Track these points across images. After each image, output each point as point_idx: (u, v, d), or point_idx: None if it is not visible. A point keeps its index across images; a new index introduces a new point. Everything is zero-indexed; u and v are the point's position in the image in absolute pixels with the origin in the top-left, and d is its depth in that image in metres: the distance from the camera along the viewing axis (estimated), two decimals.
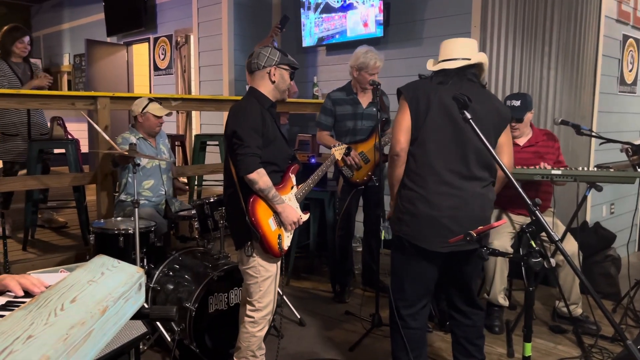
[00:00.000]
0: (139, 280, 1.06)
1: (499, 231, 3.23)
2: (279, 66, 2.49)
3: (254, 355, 2.52)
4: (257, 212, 2.39)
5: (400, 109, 2.32)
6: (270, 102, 2.51)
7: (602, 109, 4.95)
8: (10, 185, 3.72)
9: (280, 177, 2.54)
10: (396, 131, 2.30)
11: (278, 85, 2.51)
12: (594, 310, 3.27)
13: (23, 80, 4.21)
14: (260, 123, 2.39)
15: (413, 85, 2.34)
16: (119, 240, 2.99)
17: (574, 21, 4.41)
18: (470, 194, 2.21)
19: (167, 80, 7.62)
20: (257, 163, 2.34)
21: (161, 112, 3.47)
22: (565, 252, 1.59)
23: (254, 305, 2.48)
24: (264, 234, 2.39)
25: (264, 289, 2.46)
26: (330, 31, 5.32)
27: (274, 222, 2.45)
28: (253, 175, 2.33)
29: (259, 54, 2.50)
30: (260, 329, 2.49)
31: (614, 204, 5.31)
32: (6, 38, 4.18)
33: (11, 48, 4.18)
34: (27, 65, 4.28)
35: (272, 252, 2.42)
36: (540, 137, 3.38)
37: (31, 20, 11.48)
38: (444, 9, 4.59)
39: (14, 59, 4.23)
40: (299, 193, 2.63)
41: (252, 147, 2.34)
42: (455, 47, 2.31)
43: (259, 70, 2.49)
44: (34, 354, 0.70)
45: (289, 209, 2.45)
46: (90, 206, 4.26)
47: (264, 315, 2.48)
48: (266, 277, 2.46)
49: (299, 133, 5.50)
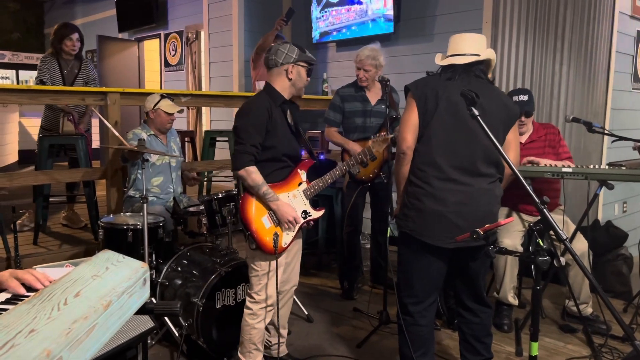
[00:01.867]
0: (143, 275, 1.07)
1: (510, 230, 3.21)
2: (297, 63, 2.48)
3: (257, 348, 2.54)
4: (247, 209, 2.40)
5: (407, 107, 2.31)
6: (282, 98, 2.50)
7: (615, 106, 4.89)
8: (21, 180, 3.76)
9: (288, 172, 2.53)
10: (403, 129, 2.29)
11: (295, 83, 2.51)
12: (604, 310, 3.23)
13: (67, 79, 4.27)
14: (265, 120, 2.39)
15: (421, 83, 2.32)
16: (128, 236, 3.01)
17: (587, 17, 4.36)
18: (476, 189, 2.20)
19: (177, 76, 7.65)
20: (247, 160, 2.36)
21: (172, 109, 3.48)
22: (573, 252, 1.57)
23: (253, 298, 2.51)
24: (256, 231, 2.39)
25: (263, 283, 2.48)
26: (337, 25, 5.30)
27: (269, 219, 2.44)
28: (241, 172, 2.36)
29: (277, 50, 2.47)
30: (259, 321, 2.51)
31: (626, 202, 5.25)
32: (55, 36, 4.25)
33: (60, 46, 4.23)
34: (76, 62, 4.33)
35: (266, 249, 2.41)
36: (541, 131, 3.35)
37: (44, 17, 11.57)
38: (455, 5, 4.56)
39: (65, 56, 4.29)
40: (309, 189, 2.59)
41: (247, 145, 2.36)
42: (464, 42, 2.29)
43: (277, 67, 2.48)
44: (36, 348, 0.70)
45: (284, 207, 2.42)
46: (100, 202, 4.30)
47: (262, 307, 2.50)
48: (266, 272, 2.47)
49: (309, 129, 5.49)
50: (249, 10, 5.88)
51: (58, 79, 4.25)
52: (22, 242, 3.83)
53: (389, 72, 3.64)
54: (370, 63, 3.57)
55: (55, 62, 4.26)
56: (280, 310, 2.70)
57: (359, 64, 3.61)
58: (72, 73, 4.31)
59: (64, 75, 4.27)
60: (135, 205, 3.46)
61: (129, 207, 3.50)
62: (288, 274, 2.66)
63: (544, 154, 3.23)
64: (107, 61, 8.10)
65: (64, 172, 4.03)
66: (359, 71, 3.63)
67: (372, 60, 3.57)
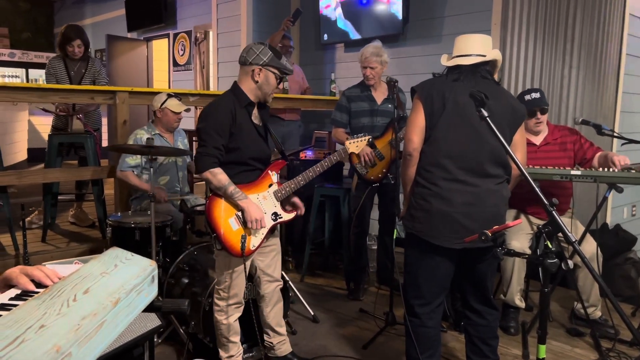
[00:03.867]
0: (151, 273, 1.07)
1: (517, 232, 3.19)
2: (267, 67, 2.42)
3: (229, 340, 2.57)
4: (213, 210, 2.38)
5: (414, 108, 2.30)
6: (248, 100, 2.46)
7: (625, 109, 4.85)
8: (30, 178, 3.78)
9: (257, 175, 2.51)
10: (409, 130, 2.29)
11: (261, 87, 2.45)
12: (613, 314, 3.21)
13: (74, 79, 4.31)
14: (228, 123, 2.37)
15: (428, 84, 2.32)
16: (136, 234, 3.02)
17: (597, 19, 4.33)
18: (483, 190, 2.20)
19: (185, 76, 7.67)
20: (211, 162, 2.34)
21: (179, 108, 3.49)
22: (582, 255, 1.56)
23: (220, 294, 2.53)
24: (223, 234, 2.37)
25: (229, 282, 2.50)
26: (348, 27, 5.30)
27: (236, 221, 2.42)
28: (206, 174, 2.35)
29: (249, 49, 2.44)
30: (226, 317, 2.53)
31: (635, 205, 5.20)
32: (60, 39, 4.30)
33: (65, 50, 4.27)
34: (82, 63, 4.37)
35: (233, 252, 2.39)
36: (557, 133, 3.30)
37: (54, 16, 11.65)
38: (464, 6, 4.54)
39: (71, 56, 4.32)
40: (280, 191, 2.56)
41: (209, 147, 2.34)
42: (470, 43, 2.28)
43: (245, 66, 2.45)
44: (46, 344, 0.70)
45: (252, 207, 2.39)
46: (108, 200, 4.32)
47: (229, 304, 2.52)
48: (232, 271, 2.48)
49: (316, 130, 5.49)
50: (258, 10, 5.89)
51: (65, 79, 4.28)
52: (31, 239, 3.86)
53: (397, 72, 3.64)
54: (375, 60, 3.59)
55: (62, 63, 4.29)
56: (272, 312, 2.71)
57: (364, 63, 3.63)
58: (79, 73, 4.33)
59: (70, 77, 4.29)
60: (143, 203, 3.47)
61: (137, 206, 3.51)
62: (269, 276, 2.65)
63: (557, 157, 3.19)
64: (115, 60, 8.14)
65: (73, 170, 4.06)
66: (365, 70, 3.64)
67: (376, 57, 3.59)
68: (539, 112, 3.19)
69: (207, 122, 2.38)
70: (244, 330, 2.70)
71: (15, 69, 9.11)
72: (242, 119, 2.42)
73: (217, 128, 2.36)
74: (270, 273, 2.65)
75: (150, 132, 3.47)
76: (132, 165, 3.43)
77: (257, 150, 2.49)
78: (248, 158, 2.46)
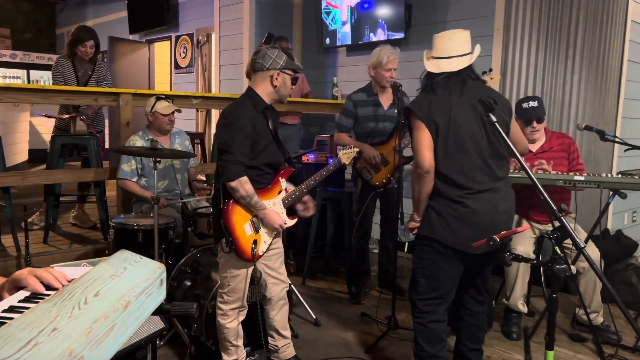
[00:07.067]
0: (160, 276, 1.07)
1: (522, 237, 3.19)
2: (284, 70, 2.44)
3: (232, 344, 2.58)
4: (231, 217, 2.39)
5: (416, 127, 2.27)
6: (264, 104, 2.48)
7: (627, 115, 4.85)
8: (34, 179, 3.78)
9: (266, 179, 2.52)
10: (420, 148, 2.24)
11: (279, 90, 2.47)
12: (615, 320, 3.21)
13: (81, 80, 4.32)
14: (251, 129, 2.38)
15: (425, 104, 2.27)
16: (138, 236, 3.01)
17: (600, 25, 4.34)
18: (502, 194, 2.27)
19: (187, 79, 7.67)
20: (240, 171, 2.33)
21: (167, 110, 3.45)
22: (591, 260, 1.56)
23: (223, 298, 2.54)
24: (237, 239, 2.38)
25: (233, 285, 2.51)
26: (350, 31, 5.31)
27: (250, 227, 2.44)
28: (234, 184, 2.34)
29: (265, 54, 2.43)
30: (230, 321, 2.54)
31: (636, 211, 5.20)
32: (72, 39, 4.30)
33: (74, 49, 4.27)
34: (90, 66, 4.38)
35: (244, 256, 2.42)
36: (554, 141, 3.30)
37: (56, 18, 11.66)
38: (466, 11, 4.55)
39: (79, 57, 4.33)
40: (287, 198, 2.60)
41: (237, 154, 2.33)
42: (451, 42, 2.24)
43: (262, 72, 2.45)
44: (59, 347, 0.70)
45: (272, 215, 2.46)
46: (110, 202, 4.31)
47: (232, 308, 2.53)
48: (236, 275, 2.49)
49: (317, 133, 5.49)
50: (260, 13, 5.89)
51: (72, 80, 4.29)
52: (33, 240, 3.85)
53: (400, 77, 3.63)
54: (397, 61, 3.57)
55: (69, 63, 4.30)
56: (278, 314, 2.71)
57: (389, 65, 3.53)
58: (86, 74, 4.34)
59: (78, 77, 4.30)
60: (145, 206, 3.47)
61: (139, 208, 3.51)
62: (275, 278, 2.66)
63: (555, 165, 3.20)
64: (117, 62, 8.15)
65: (76, 171, 4.06)
66: (388, 72, 3.54)
67: (398, 59, 3.57)
68: (536, 122, 3.18)
69: (231, 130, 2.37)
70: (246, 333, 2.70)
71: (16, 70, 9.11)
72: (260, 125, 2.43)
73: (241, 136, 2.35)
74: (277, 275, 2.66)
75: (144, 138, 3.45)
76: (128, 172, 3.43)
77: (272, 156, 2.51)
78: (262, 164, 2.46)
